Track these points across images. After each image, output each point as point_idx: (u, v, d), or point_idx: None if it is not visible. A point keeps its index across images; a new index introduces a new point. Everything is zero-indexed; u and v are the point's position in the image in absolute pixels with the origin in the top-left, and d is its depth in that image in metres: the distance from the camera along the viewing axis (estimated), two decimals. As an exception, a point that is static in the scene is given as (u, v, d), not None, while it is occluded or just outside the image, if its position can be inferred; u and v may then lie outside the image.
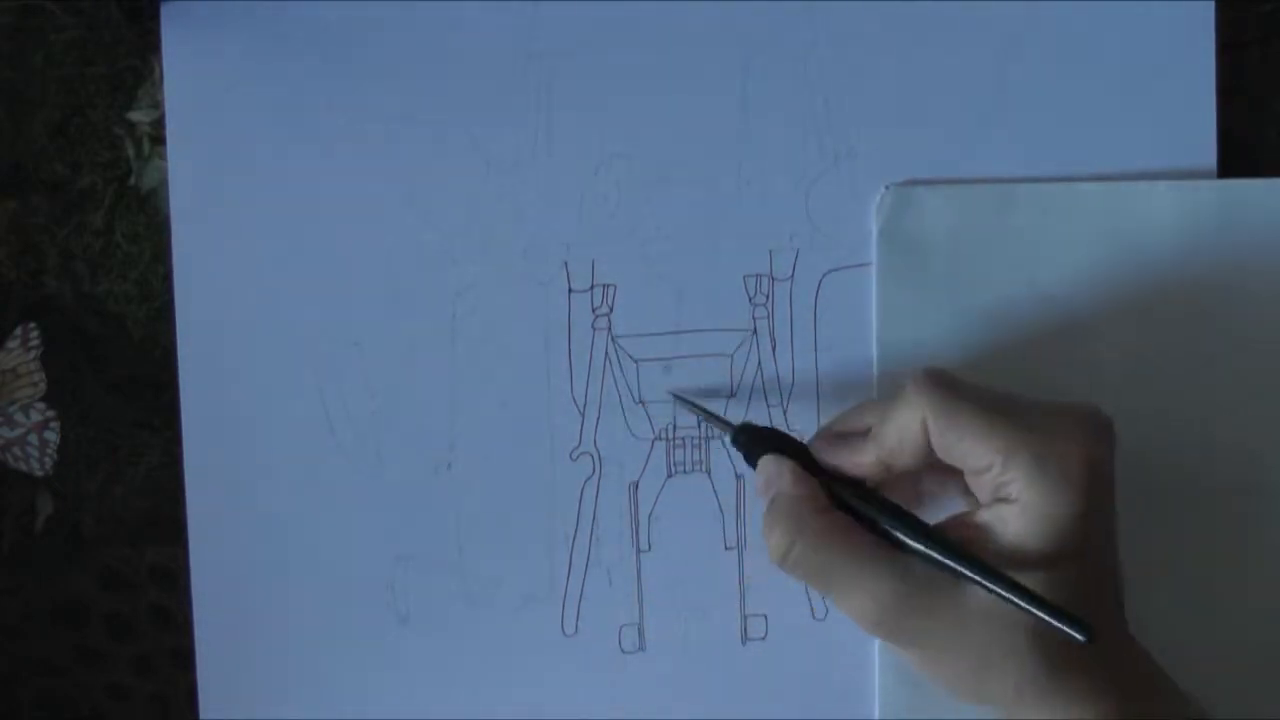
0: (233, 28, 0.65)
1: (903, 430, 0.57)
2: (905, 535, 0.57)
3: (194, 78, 0.65)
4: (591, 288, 0.65)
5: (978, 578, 0.54)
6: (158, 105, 0.65)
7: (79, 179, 0.65)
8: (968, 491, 0.59)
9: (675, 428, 0.66)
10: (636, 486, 0.66)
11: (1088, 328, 0.65)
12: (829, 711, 0.66)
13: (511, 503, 0.65)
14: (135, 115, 0.65)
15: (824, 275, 0.65)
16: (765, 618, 0.66)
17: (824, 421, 0.64)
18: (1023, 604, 0.53)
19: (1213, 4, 0.66)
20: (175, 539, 0.65)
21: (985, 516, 0.56)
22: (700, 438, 0.66)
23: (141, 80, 0.65)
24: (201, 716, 0.65)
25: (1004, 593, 0.53)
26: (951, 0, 0.66)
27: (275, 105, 0.65)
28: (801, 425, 0.66)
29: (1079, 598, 0.54)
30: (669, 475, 0.66)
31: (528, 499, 0.65)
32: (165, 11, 0.64)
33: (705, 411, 0.64)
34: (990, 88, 0.66)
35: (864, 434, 0.59)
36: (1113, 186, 0.65)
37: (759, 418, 0.65)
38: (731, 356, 0.66)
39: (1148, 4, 0.66)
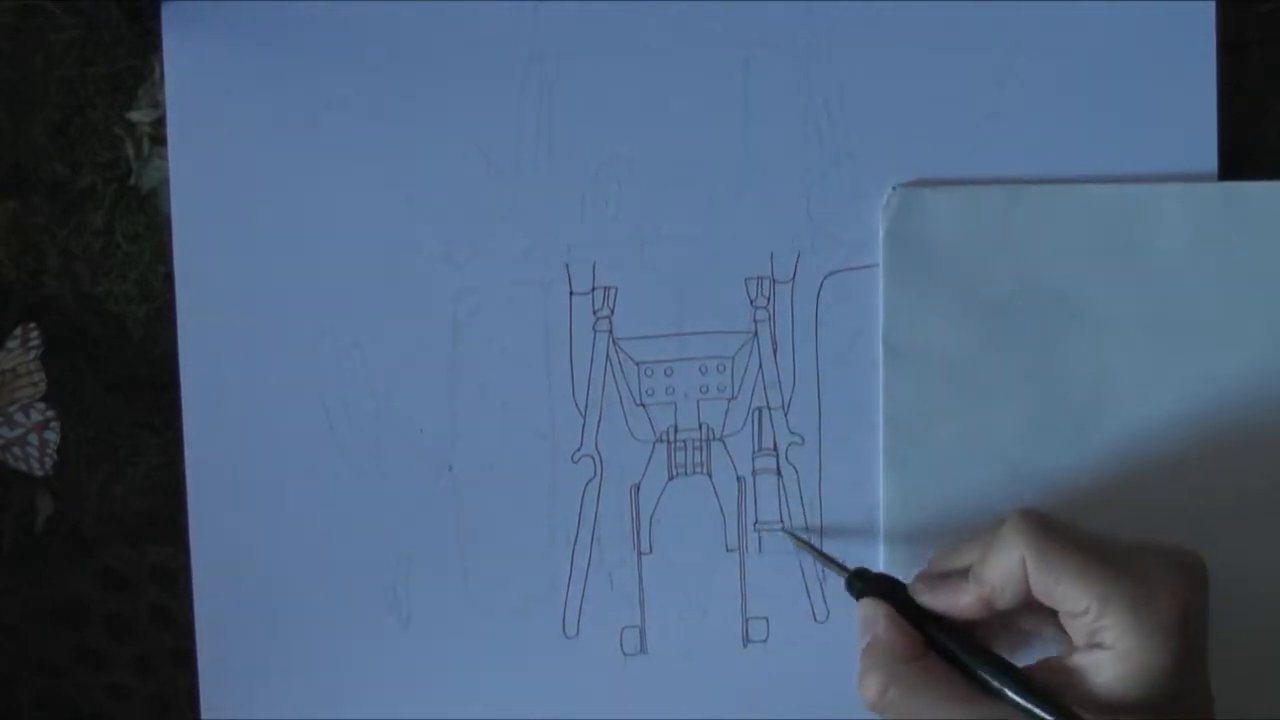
0: (233, 28, 0.64)
1: (1003, 571, 0.58)
2: (997, 681, 0.57)
3: (194, 78, 0.65)
4: (593, 290, 0.65)
5: None
6: (158, 105, 0.65)
7: (79, 179, 0.65)
8: (1062, 633, 0.59)
9: (676, 430, 0.66)
10: (638, 489, 0.66)
11: (1095, 328, 0.65)
12: (830, 714, 0.66)
13: (513, 505, 0.65)
14: (135, 115, 0.65)
15: (825, 277, 0.65)
16: (766, 620, 0.66)
17: (928, 560, 0.64)
18: None
19: (1213, 4, 0.66)
20: (175, 539, 0.65)
21: (1080, 661, 0.56)
22: (701, 440, 0.66)
23: (141, 80, 0.65)
24: (202, 717, 0.65)
25: None
26: (953, 1, 0.65)
27: (275, 105, 0.65)
28: (803, 428, 0.66)
29: None
30: (670, 477, 0.66)
31: (529, 501, 0.65)
32: (165, 11, 0.64)
33: (821, 554, 0.64)
34: (991, 88, 0.66)
35: (964, 573, 0.59)
36: (1119, 188, 0.65)
37: (759, 418, 0.66)
38: (733, 359, 0.66)
39: (1148, 4, 0.66)
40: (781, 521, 0.66)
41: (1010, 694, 0.56)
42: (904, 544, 0.65)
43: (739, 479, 0.66)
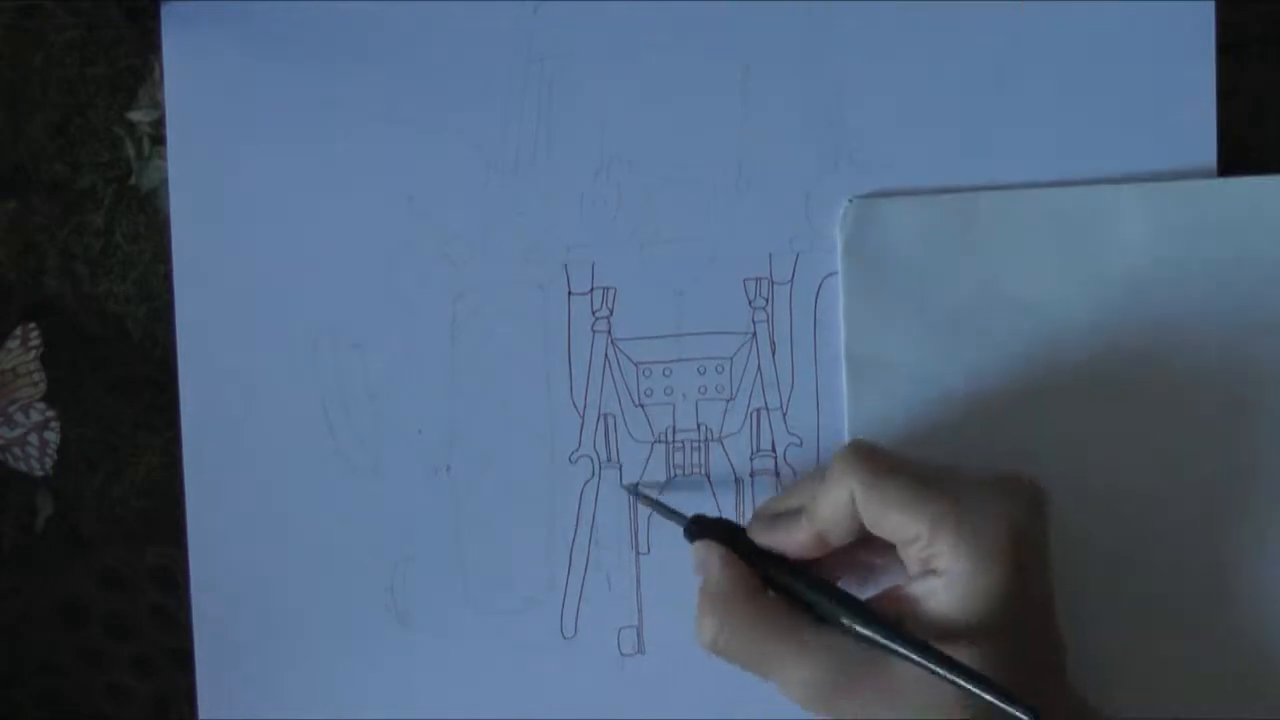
0: (233, 28, 0.65)
1: (834, 505, 0.57)
2: (834, 612, 0.57)
3: (194, 78, 0.65)
4: (591, 290, 0.65)
5: (906, 652, 0.54)
6: (158, 105, 0.65)
7: (79, 179, 0.65)
8: (901, 564, 0.58)
9: (674, 430, 0.66)
10: (636, 489, 0.66)
11: (1055, 333, 0.65)
12: (828, 715, 0.66)
13: (511, 505, 0.65)
14: (135, 115, 0.65)
15: (824, 279, 0.65)
16: (764, 621, 0.66)
17: (760, 502, 0.64)
18: (949, 677, 0.53)
19: (1213, 4, 0.66)
20: (175, 539, 0.65)
21: (915, 589, 0.56)
22: (699, 440, 0.66)
23: (141, 80, 0.65)
24: (200, 718, 0.65)
25: (932, 666, 0.53)
26: (952, 1, 0.65)
27: (275, 105, 0.65)
28: (801, 429, 0.66)
29: (1015, 670, 0.54)
30: (668, 478, 0.66)
31: (527, 501, 0.65)
32: (165, 11, 0.64)
33: (659, 505, 0.64)
34: (990, 89, 0.66)
35: (799, 512, 0.59)
36: (1076, 191, 0.65)
37: (757, 419, 0.66)
38: (731, 359, 0.66)
39: (1148, 4, 0.66)
40: (621, 479, 0.66)
41: (845, 621, 0.56)
42: None
43: (737, 480, 0.66)
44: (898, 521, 0.56)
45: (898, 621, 0.56)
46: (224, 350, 0.65)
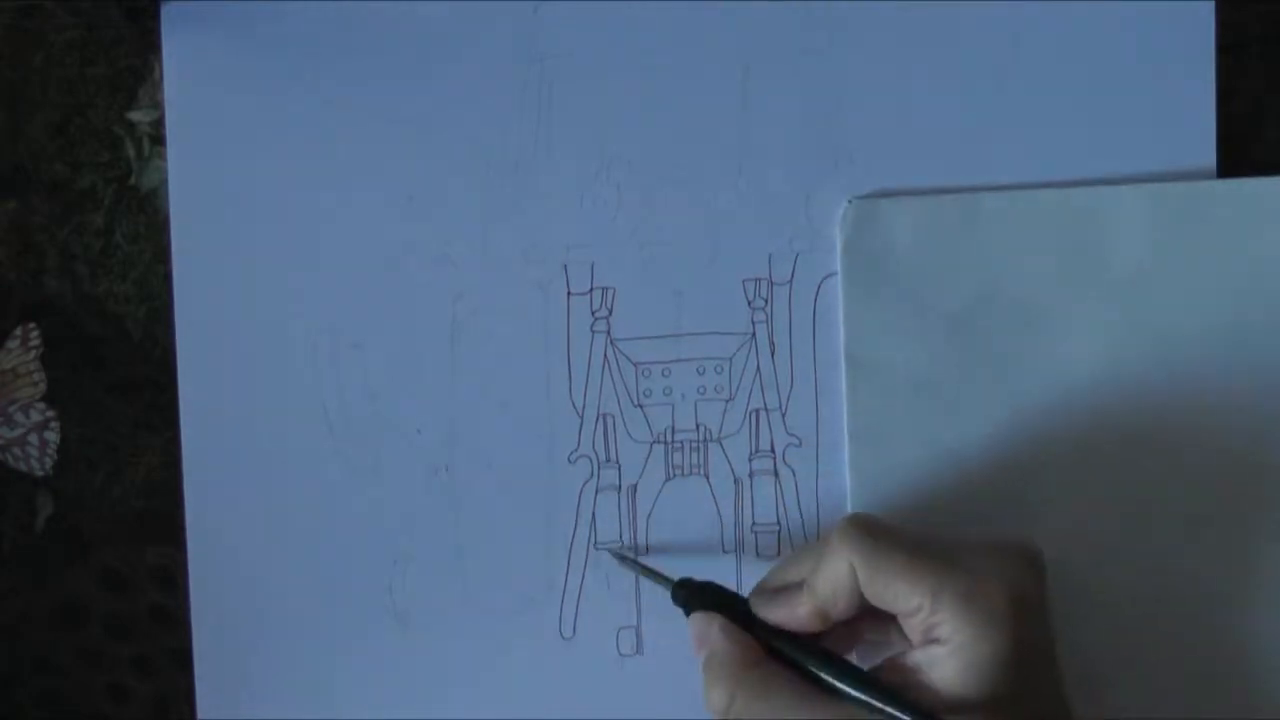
0: (233, 28, 0.65)
1: (834, 579, 0.57)
2: (838, 681, 0.57)
3: (194, 78, 0.65)
4: (591, 290, 0.65)
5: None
6: (158, 105, 0.65)
7: (79, 179, 0.65)
8: (903, 634, 0.58)
9: (674, 431, 0.66)
10: (635, 489, 0.66)
11: (1056, 335, 0.65)
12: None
13: (510, 505, 0.65)
14: (135, 115, 0.66)
15: (823, 279, 0.65)
16: (763, 622, 0.66)
17: (762, 576, 0.63)
18: None
19: (1213, 4, 0.66)
20: (175, 539, 0.65)
21: (917, 658, 0.56)
22: (698, 441, 0.66)
23: (141, 80, 0.65)
24: (199, 717, 0.65)
25: None
26: (952, 1, 0.65)
27: (275, 105, 0.65)
28: (800, 430, 0.66)
29: None
30: (667, 478, 0.66)
31: (526, 501, 0.65)
32: (165, 11, 0.64)
33: (643, 568, 0.64)
34: (990, 89, 0.66)
35: (800, 585, 0.59)
36: (1076, 192, 0.65)
37: (756, 420, 0.66)
38: (730, 360, 0.66)
39: (1147, 4, 0.66)
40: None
41: (852, 691, 0.56)
42: None
43: (736, 480, 0.66)
44: (898, 593, 0.56)
45: (903, 691, 0.56)
46: (224, 350, 0.65)
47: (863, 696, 0.56)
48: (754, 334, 0.66)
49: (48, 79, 0.65)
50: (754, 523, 0.66)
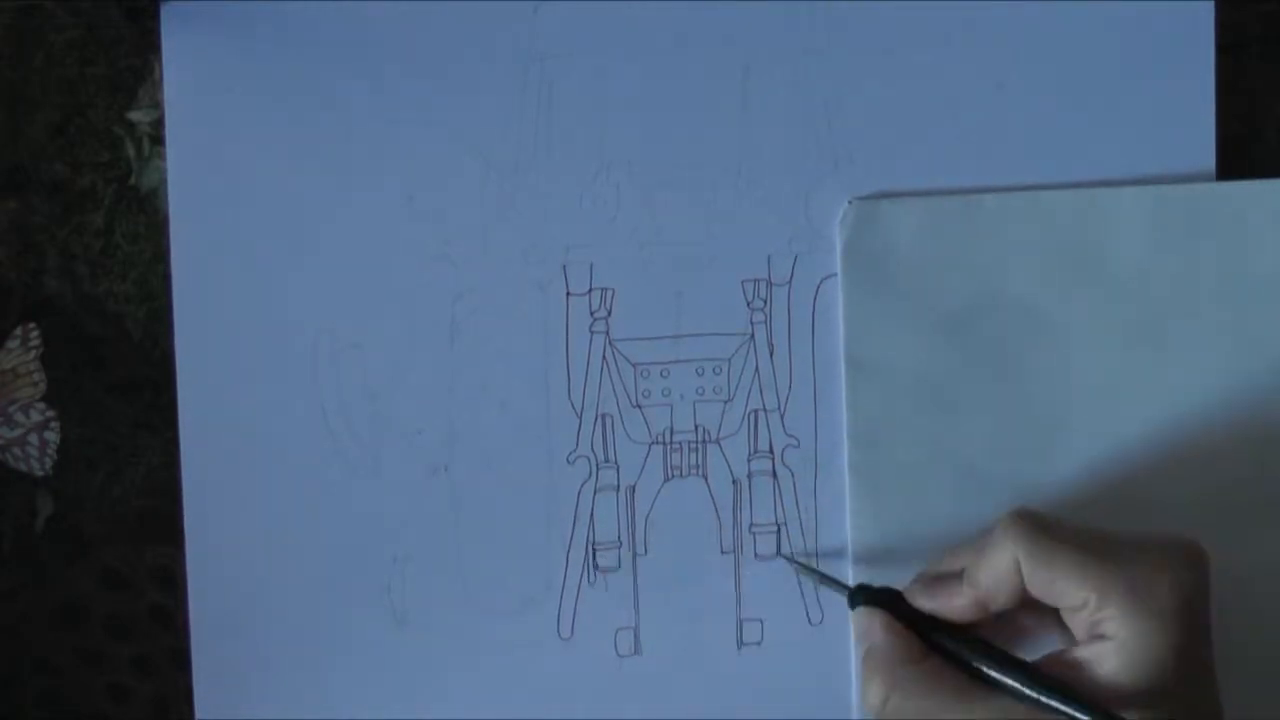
0: (233, 28, 0.65)
1: (997, 572, 0.58)
2: (1002, 674, 0.57)
3: (194, 78, 0.65)
4: (590, 291, 0.65)
5: (1080, 715, 0.55)
6: (158, 105, 0.65)
7: (79, 179, 0.65)
8: (1064, 628, 0.59)
9: (672, 431, 0.66)
10: (634, 490, 0.66)
11: (1057, 336, 0.65)
12: (824, 716, 0.66)
13: (509, 505, 0.65)
14: (135, 115, 0.66)
15: (822, 280, 0.65)
16: (761, 623, 0.66)
17: (922, 568, 0.63)
18: None
19: (1212, 4, 0.66)
20: (175, 539, 0.65)
21: (1082, 653, 0.57)
22: (697, 441, 0.66)
23: (141, 80, 0.65)
24: (197, 717, 0.65)
25: None
26: (952, 1, 0.65)
27: (275, 105, 0.65)
28: (799, 431, 0.66)
29: None
30: (666, 479, 0.66)
31: (525, 502, 0.65)
32: (165, 11, 0.64)
33: (821, 575, 0.64)
34: (989, 90, 0.66)
35: (958, 577, 0.60)
36: (1077, 193, 0.65)
37: (755, 421, 0.66)
38: (729, 361, 0.66)
39: (1147, 4, 0.66)
40: (779, 549, 0.66)
41: (1016, 685, 0.57)
42: (872, 556, 0.65)
43: (734, 481, 0.66)
44: (1064, 588, 0.57)
45: (1066, 685, 0.56)
46: (223, 350, 0.65)
47: (1028, 691, 0.56)
48: (753, 335, 0.66)
49: (48, 79, 0.65)
50: (752, 523, 0.66)
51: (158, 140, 0.65)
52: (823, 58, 0.65)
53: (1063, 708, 0.55)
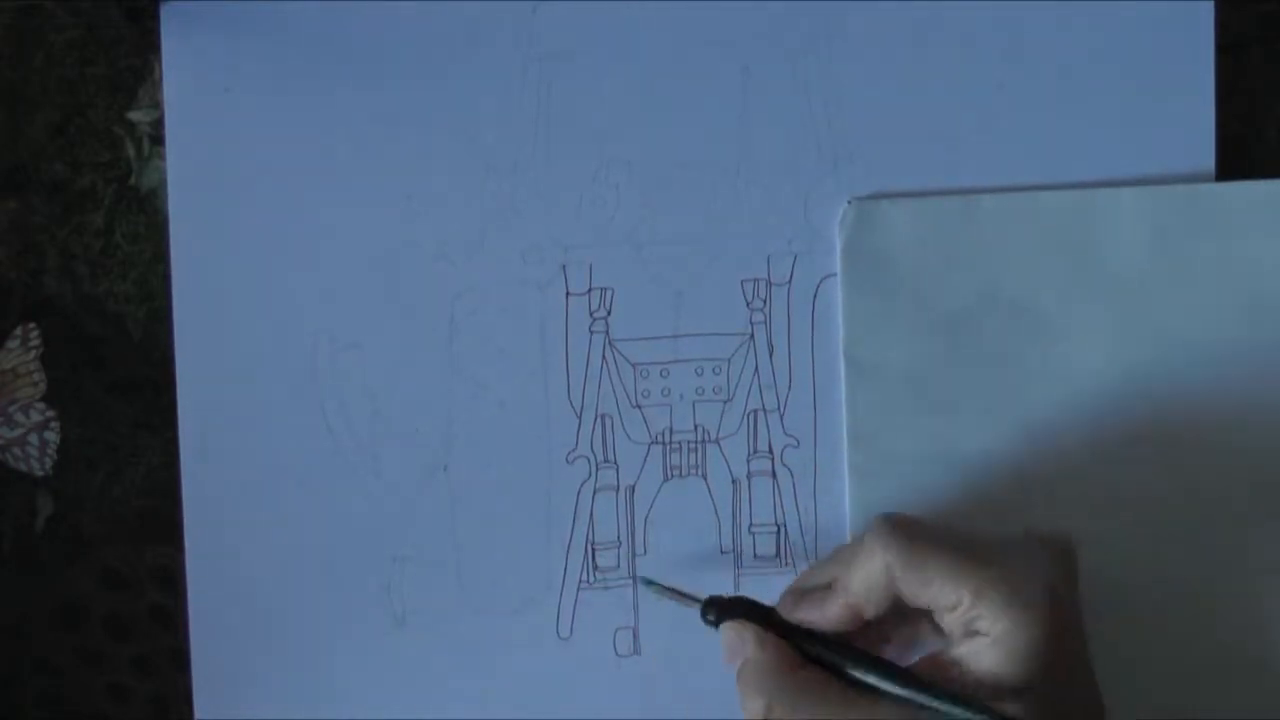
0: (233, 28, 0.65)
1: (868, 579, 0.58)
2: (879, 680, 0.57)
3: (194, 78, 0.65)
4: (589, 291, 0.65)
5: (960, 712, 0.55)
6: (158, 105, 0.65)
7: (79, 179, 0.65)
8: (937, 630, 0.59)
9: (672, 431, 0.66)
10: (633, 490, 0.66)
11: (1055, 337, 0.65)
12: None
13: (508, 505, 0.65)
14: (135, 115, 0.66)
15: (821, 280, 0.65)
16: (761, 623, 0.66)
17: (790, 581, 0.63)
18: None
19: (1212, 4, 0.66)
20: (175, 539, 0.65)
21: (958, 652, 0.57)
22: (696, 441, 0.66)
23: (141, 80, 0.65)
24: (196, 717, 0.65)
25: None
26: (950, 2, 0.65)
27: (275, 105, 0.65)
28: (798, 431, 0.66)
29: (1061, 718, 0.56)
30: (665, 479, 0.66)
31: (524, 501, 0.65)
32: (165, 11, 0.64)
33: (671, 591, 0.64)
34: (989, 90, 0.66)
35: (829, 587, 0.60)
36: (1075, 194, 0.65)
37: (754, 421, 0.66)
38: (728, 361, 0.66)
39: (1147, 4, 0.66)
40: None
41: (895, 689, 0.57)
42: None
43: (734, 481, 0.66)
44: (940, 590, 0.57)
45: (945, 685, 0.56)
46: (223, 350, 0.65)
47: (907, 694, 0.56)
48: (752, 335, 0.66)
49: (48, 79, 0.65)
50: (751, 523, 0.66)
51: (158, 140, 0.65)
52: (822, 58, 0.65)
53: (944, 707, 0.55)
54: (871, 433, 0.65)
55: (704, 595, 0.62)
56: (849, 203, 0.65)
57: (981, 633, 0.56)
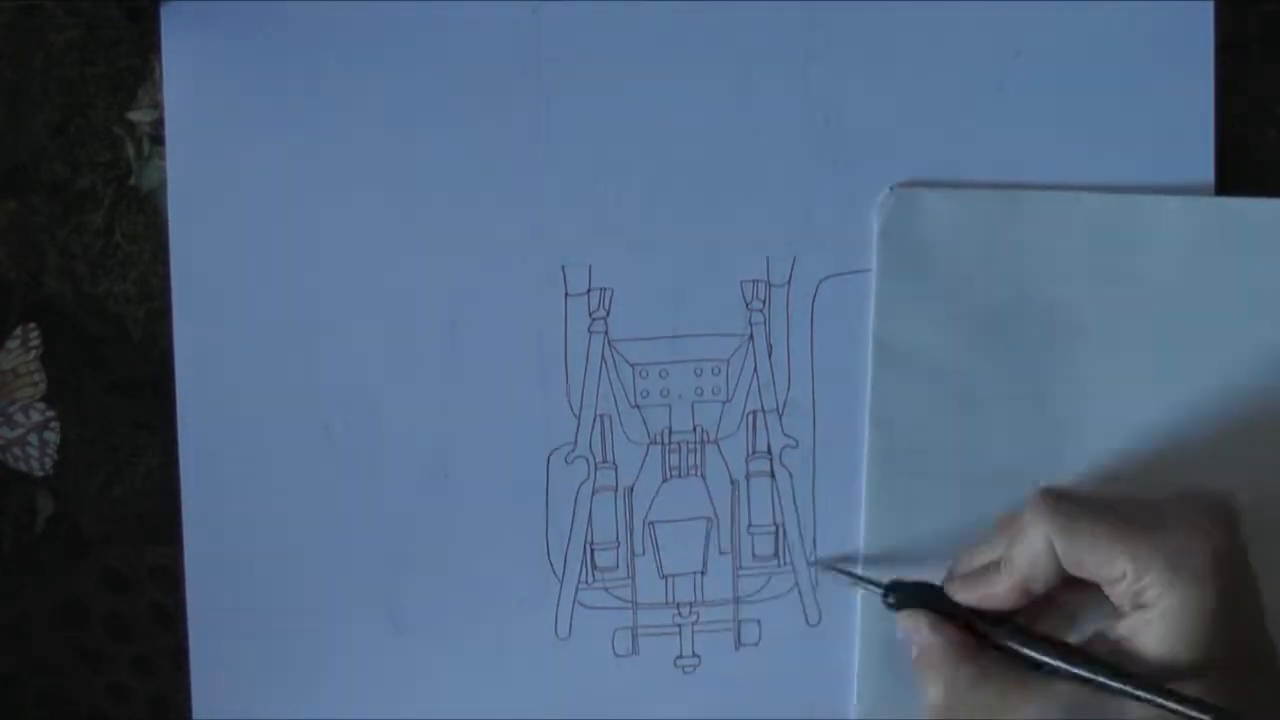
0: (233, 28, 0.65)
1: (1031, 555, 0.58)
2: (1055, 660, 0.57)
3: (194, 78, 0.65)
4: (589, 291, 0.65)
5: (1134, 691, 0.55)
6: (158, 105, 0.65)
7: (79, 179, 0.66)
8: (1107, 602, 0.58)
9: (671, 432, 0.66)
10: (632, 490, 0.66)
11: (1087, 341, 0.65)
12: (822, 716, 0.66)
13: (506, 505, 0.65)
14: (135, 115, 0.66)
15: (821, 281, 0.65)
16: (759, 623, 0.66)
17: (950, 562, 0.64)
18: (1182, 710, 0.53)
19: (1212, 4, 0.66)
20: (175, 539, 0.65)
21: (1127, 625, 0.57)
22: (695, 442, 0.66)
23: (141, 80, 0.65)
24: (194, 718, 0.65)
25: (1162, 702, 0.54)
26: (952, 1, 0.65)
27: (275, 105, 0.65)
28: (797, 431, 0.66)
29: (1239, 696, 0.55)
30: (664, 479, 0.66)
31: (522, 501, 0.65)
32: (165, 11, 0.64)
33: (855, 576, 0.64)
34: (988, 90, 0.66)
35: (995, 566, 0.60)
36: (1117, 198, 0.65)
37: (753, 421, 0.66)
38: (728, 361, 0.66)
39: (1147, 4, 0.66)
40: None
41: (1070, 669, 0.57)
42: (885, 544, 0.66)
43: (733, 482, 0.66)
44: (1100, 562, 0.56)
45: (1117, 661, 0.56)
46: (220, 352, 0.65)
47: (1083, 673, 0.56)
48: (751, 335, 0.66)
49: (48, 79, 0.65)
50: (750, 524, 0.66)
51: (158, 140, 0.65)
52: (822, 59, 0.65)
53: (1119, 686, 0.55)
54: (895, 419, 0.65)
55: (885, 580, 0.63)
56: (890, 189, 0.65)
57: (1148, 605, 0.56)
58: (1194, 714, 0.53)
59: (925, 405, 0.65)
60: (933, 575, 0.63)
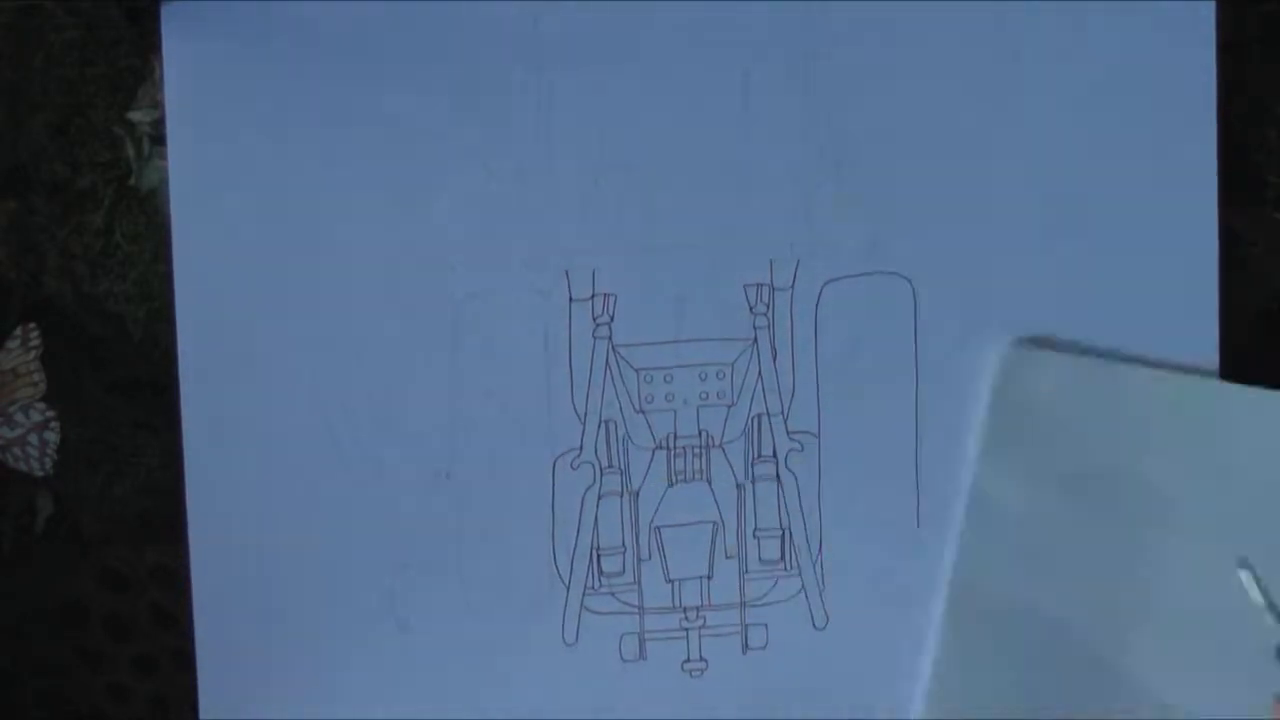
0: (233, 28, 0.64)
1: None
2: None
3: (194, 78, 0.64)
4: (592, 297, 0.65)
5: None
6: (158, 105, 0.65)
7: (79, 179, 0.65)
8: None
9: (676, 436, 0.66)
10: (637, 495, 0.66)
11: (1175, 524, 0.65)
12: (828, 721, 0.66)
13: (511, 511, 0.65)
14: (135, 115, 0.65)
15: (825, 284, 0.66)
16: (766, 627, 0.66)
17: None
18: None
19: (1213, 4, 0.66)
20: (175, 539, 0.65)
21: None
22: (700, 446, 0.66)
23: (141, 80, 0.65)
24: (201, 718, 0.65)
25: None
26: (952, 2, 0.65)
27: (275, 106, 0.65)
28: (802, 435, 0.66)
29: None
30: (670, 484, 0.66)
31: (528, 507, 0.65)
32: (165, 11, 0.64)
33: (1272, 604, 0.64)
34: (989, 90, 0.66)
35: None
36: (1220, 386, 0.65)
37: (758, 425, 0.66)
38: (732, 365, 0.66)
39: (1148, 4, 0.66)
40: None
41: None
42: (949, 690, 0.66)
43: (738, 486, 0.66)
44: None
45: None
46: (224, 353, 0.65)
47: None
48: (755, 339, 0.66)
49: (48, 79, 0.65)
50: (756, 528, 0.66)
51: (158, 140, 0.65)
52: (823, 61, 0.65)
53: None
54: (975, 580, 0.65)
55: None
56: (1010, 345, 0.66)
57: None
58: None
59: (1009, 566, 0.65)
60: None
